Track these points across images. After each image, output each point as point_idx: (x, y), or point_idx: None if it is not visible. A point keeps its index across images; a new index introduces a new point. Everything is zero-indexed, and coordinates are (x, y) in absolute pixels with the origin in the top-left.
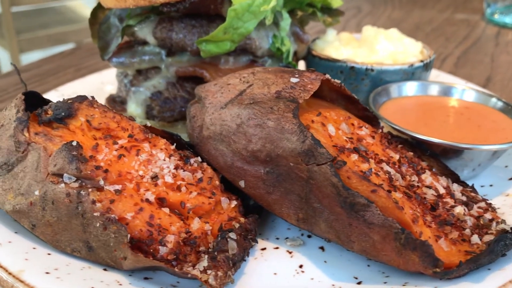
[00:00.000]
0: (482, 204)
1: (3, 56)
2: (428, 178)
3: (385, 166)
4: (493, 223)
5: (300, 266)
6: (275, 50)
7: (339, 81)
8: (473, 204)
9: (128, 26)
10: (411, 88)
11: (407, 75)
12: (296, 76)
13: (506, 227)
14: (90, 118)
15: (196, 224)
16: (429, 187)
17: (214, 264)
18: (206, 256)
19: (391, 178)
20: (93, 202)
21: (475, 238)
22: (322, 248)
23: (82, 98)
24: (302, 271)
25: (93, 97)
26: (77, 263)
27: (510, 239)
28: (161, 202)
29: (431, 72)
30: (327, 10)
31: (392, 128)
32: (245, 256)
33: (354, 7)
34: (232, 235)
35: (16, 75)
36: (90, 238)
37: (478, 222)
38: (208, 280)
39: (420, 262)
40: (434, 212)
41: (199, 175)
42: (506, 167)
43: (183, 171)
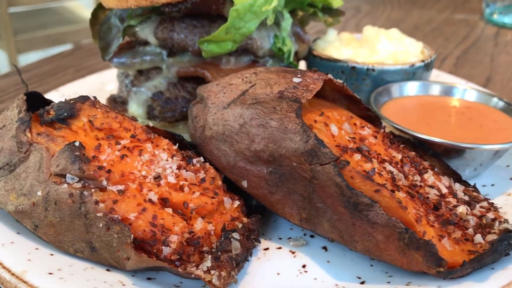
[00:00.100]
0: (484, 203)
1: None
2: (430, 177)
3: (387, 166)
4: (495, 223)
5: (303, 266)
6: (277, 50)
7: (341, 81)
8: (475, 204)
9: (129, 26)
10: (412, 88)
11: (408, 75)
12: (299, 76)
13: (509, 227)
14: (93, 118)
15: (199, 224)
16: (431, 187)
17: (218, 264)
18: (210, 256)
19: (394, 178)
20: (96, 203)
21: (478, 238)
22: (325, 248)
23: (84, 99)
24: (305, 271)
25: (95, 97)
26: (80, 264)
27: None
28: (164, 202)
29: (431, 72)
30: (328, 10)
31: (394, 128)
32: (248, 256)
33: (353, 8)
34: (236, 235)
35: (16, 75)
36: (93, 239)
37: (480, 221)
38: (211, 280)
39: (424, 261)
40: (437, 212)
41: (201, 175)
42: (508, 166)
43: (186, 171)
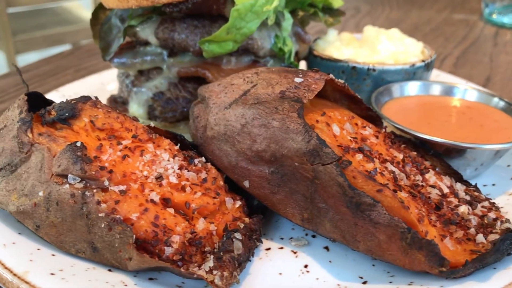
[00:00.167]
0: (486, 203)
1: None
2: (432, 177)
3: (389, 166)
4: (497, 222)
5: (305, 266)
6: (277, 50)
7: (342, 81)
8: (476, 204)
9: (130, 26)
10: (413, 88)
11: (409, 75)
12: (300, 76)
13: (511, 226)
14: (94, 118)
15: (201, 225)
16: (433, 187)
17: (220, 264)
18: (212, 257)
19: (395, 178)
20: (98, 203)
21: (480, 237)
22: (327, 248)
23: (86, 99)
24: (307, 271)
25: (96, 97)
26: (81, 264)
27: None
28: (165, 202)
29: (432, 72)
30: (328, 10)
31: (395, 128)
32: (250, 256)
33: (353, 8)
34: (238, 235)
35: (16, 76)
36: (94, 239)
37: (482, 221)
38: (214, 280)
39: (426, 261)
40: (439, 212)
41: (203, 175)
42: (508, 166)
43: (188, 171)
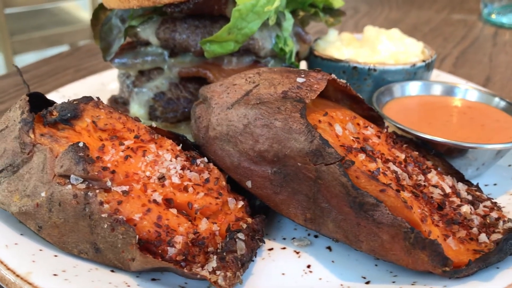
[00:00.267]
0: (488, 203)
1: None
2: (434, 177)
3: (392, 166)
4: (499, 222)
5: (308, 266)
6: (278, 51)
7: (344, 81)
8: (478, 203)
9: (130, 27)
10: (414, 87)
11: (409, 75)
12: (302, 76)
13: None
14: (96, 119)
15: (204, 225)
16: (435, 186)
17: (223, 264)
18: (215, 257)
19: (398, 178)
20: (100, 203)
21: (483, 237)
22: (330, 248)
23: (88, 99)
24: (310, 271)
25: (98, 98)
26: (84, 265)
27: None
28: (168, 203)
29: (432, 72)
30: (329, 10)
31: (397, 128)
32: (253, 256)
33: (352, 8)
34: (241, 235)
35: (15, 76)
36: (97, 240)
37: (484, 221)
38: (217, 280)
39: (430, 261)
40: (441, 211)
41: (205, 175)
42: (510, 166)
43: (190, 171)
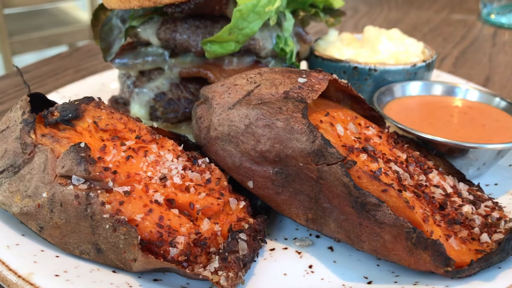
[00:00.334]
0: (489, 203)
1: None
2: (435, 177)
3: (393, 166)
4: (501, 222)
5: (310, 267)
6: (279, 51)
7: (346, 81)
8: (480, 203)
9: (131, 27)
10: (414, 88)
11: (410, 75)
12: (304, 76)
13: None
14: (97, 119)
15: (205, 225)
16: (436, 186)
17: (225, 265)
18: (217, 257)
19: (399, 178)
20: (102, 204)
21: (485, 237)
22: (331, 248)
23: (89, 99)
24: (312, 271)
25: (99, 98)
26: (86, 265)
27: None
28: (170, 203)
29: (432, 72)
30: (329, 10)
31: (398, 128)
32: (255, 256)
33: (351, 8)
34: (243, 235)
35: (14, 77)
36: (99, 240)
37: (486, 221)
38: (219, 281)
39: (432, 261)
40: (443, 211)
41: (207, 176)
42: (510, 166)
43: (191, 172)
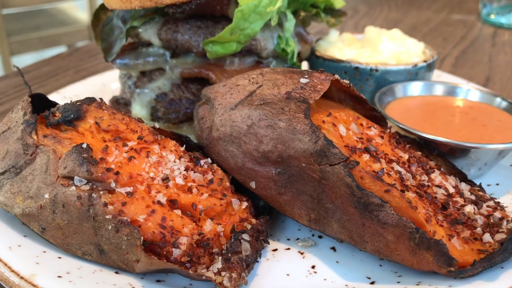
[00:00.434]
0: (491, 203)
1: None
2: (437, 177)
3: (395, 166)
4: (503, 222)
5: (313, 267)
6: (280, 51)
7: (347, 81)
8: (482, 203)
9: (132, 27)
10: (416, 88)
11: (411, 75)
12: (306, 76)
13: None
14: (99, 120)
15: (208, 226)
16: (439, 187)
17: (228, 265)
18: (220, 258)
19: (402, 178)
20: (105, 205)
21: (487, 237)
22: (334, 248)
23: (91, 100)
24: (315, 272)
25: (101, 98)
26: (88, 267)
27: None
28: (172, 204)
29: (433, 72)
30: (330, 10)
31: (400, 128)
32: (257, 257)
33: (351, 8)
34: (245, 236)
35: (14, 77)
36: (101, 241)
37: (488, 220)
38: (222, 281)
39: (435, 261)
40: (445, 211)
41: (209, 176)
42: None
43: (194, 172)
